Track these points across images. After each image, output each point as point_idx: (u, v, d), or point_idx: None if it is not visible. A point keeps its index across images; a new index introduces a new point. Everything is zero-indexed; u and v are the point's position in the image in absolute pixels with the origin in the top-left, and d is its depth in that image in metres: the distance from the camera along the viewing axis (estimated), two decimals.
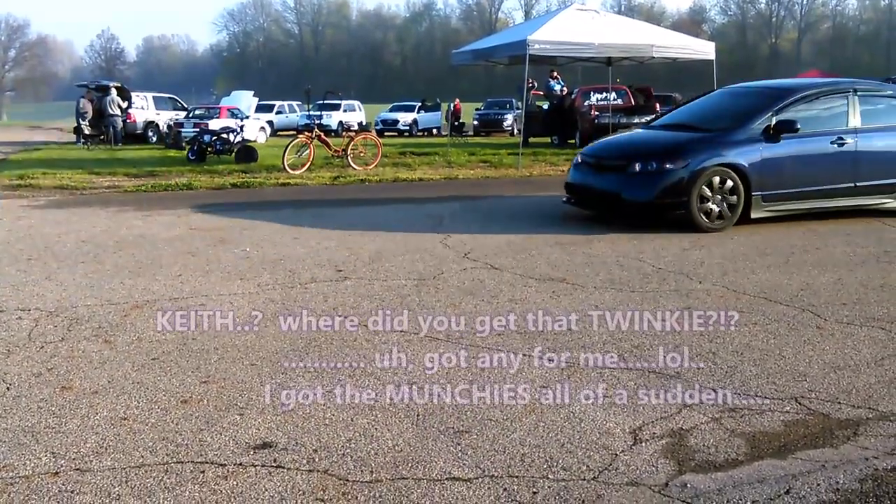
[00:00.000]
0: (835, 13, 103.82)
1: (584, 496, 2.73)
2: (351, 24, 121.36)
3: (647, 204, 7.84)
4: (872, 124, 8.43)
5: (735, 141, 7.91)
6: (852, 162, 8.24)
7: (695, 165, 7.71)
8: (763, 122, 7.96)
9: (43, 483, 2.81)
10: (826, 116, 8.36)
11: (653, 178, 7.80)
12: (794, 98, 8.22)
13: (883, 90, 9.18)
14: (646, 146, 8.39)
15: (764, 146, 7.88)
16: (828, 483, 2.81)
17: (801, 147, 8.03)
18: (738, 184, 7.76)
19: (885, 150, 8.47)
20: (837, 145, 8.16)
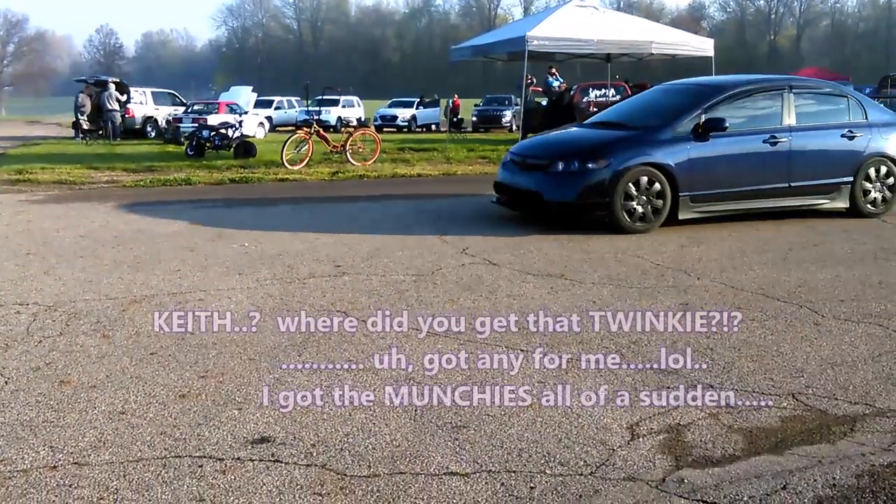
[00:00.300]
0: (834, 10, 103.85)
1: (582, 491, 2.74)
2: (350, 20, 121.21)
3: (568, 204, 7.59)
4: (808, 123, 8.19)
5: (662, 140, 7.64)
6: (786, 161, 7.96)
7: (617, 165, 7.45)
8: (692, 121, 7.70)
9: (41, 477, 2.81)
10: (759, 114, 8.12)
11: (574, 178, 7.53)
12: (724, 96, 7.97)
13: (821, 87, 8.95)
14: (569, 145, 8.14)
15: (692, 145, 7.61)
16: (824, 479, 2.82)
17: (731, 146, 7.78)
18: (665, 184, 7.50)
19: (822, 149, 8.19)
20: (770, 144, 7.89)
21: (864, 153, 8.27)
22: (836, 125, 8.29)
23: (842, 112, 8.43)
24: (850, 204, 8.31)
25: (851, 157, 8.25)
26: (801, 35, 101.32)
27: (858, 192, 8.30)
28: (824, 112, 8.42)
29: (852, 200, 8.30)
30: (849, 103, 8.50)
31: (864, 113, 8.49)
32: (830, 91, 8.81)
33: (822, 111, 8.43)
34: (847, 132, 8.24)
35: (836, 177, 8.22)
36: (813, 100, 8.47)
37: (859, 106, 8.54)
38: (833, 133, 8.24)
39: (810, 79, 8.99)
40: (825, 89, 8.84)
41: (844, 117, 8.39)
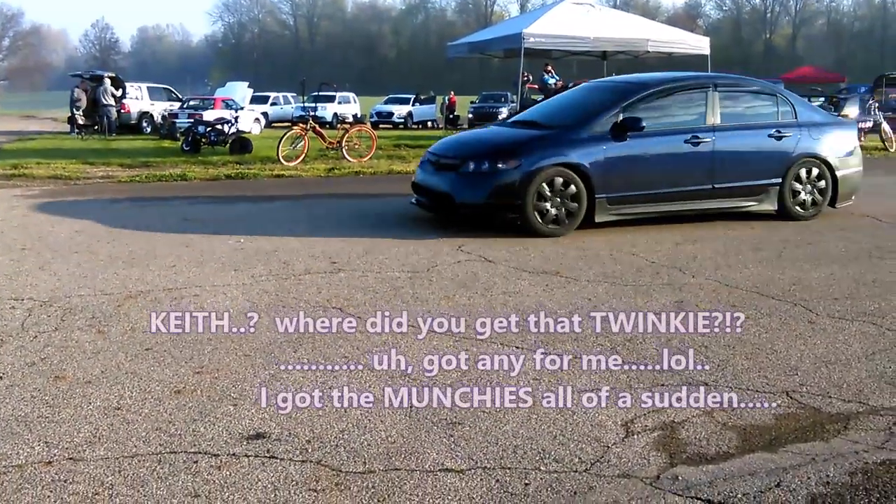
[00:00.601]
0: (829, 9, 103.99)
1: (576, 488, 2.75)
2: (346, 16, 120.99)
3: (478, 205, 7.31)
4: (734, 122, 7.92)
5: (578, 139, 7.36)
6: (710, 162, 7.68)
7: (529, 165, 7.16)
8: (609, 120, 7.43)
9: (36, 472, 2.81)
10: (681, 114, 7.83)
11: (485, 179, 7.26)
12: (644, 94, 7.71)
13: (748, 85, 8.60)
14: (482, 144, 7.86)
15: (609, 145, 7.33)
16: (818, 476, 2.83)
17: (650, 146, 7.51)
18: (580, 185, 7.22)
19: (747, 149, 7.93)
20: (692, 144, 7.61)
21: (793, 154, 8.01)
22: (764, 125, 8.04)
23: (770, 111, 8.17)
24: (779, 206, 8.06)
25: (780, 157, 7.99)
26: (796, 34, 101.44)
27: (787, 195, 8.03)
28: (751, 111, 8.15)
29: (781, 203, 8.04)
30: (778, 102, 8.24)
31: (794, 112, 8.21)
32: (759, 89, 8.50)
33: (749, 110, 8.15)
34: (775, 132, 7.99)
35: (764, 178, 7.95)
36: (739, 99, 8.18)
37: (789, 105, 8.26)
38: (760, 133, 7.98)
39: (738, 77, 8.80)
40: (753, 88, 8.53)
41: (773, 117, 8.13)
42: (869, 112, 19.18)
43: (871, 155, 17.10)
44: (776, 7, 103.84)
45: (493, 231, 7.27)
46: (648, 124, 7.43)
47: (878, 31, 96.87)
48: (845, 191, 8.34)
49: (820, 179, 8.18)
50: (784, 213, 8.07)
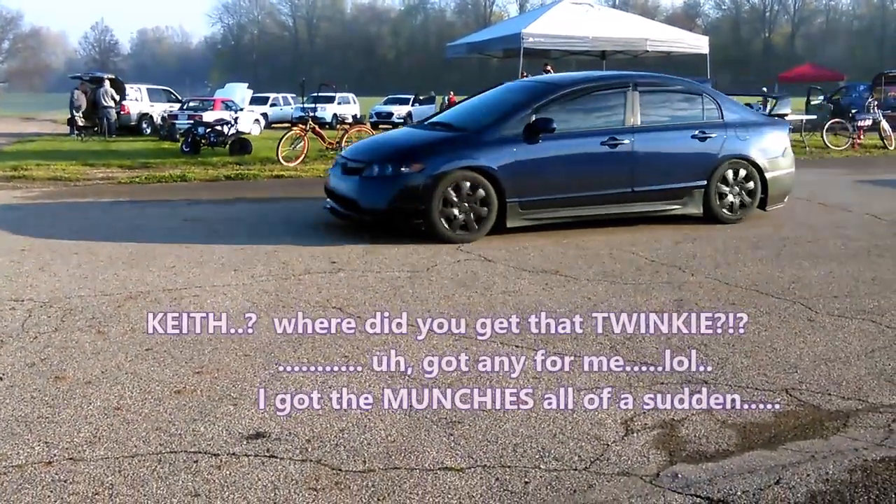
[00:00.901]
0: (828, 8, 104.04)
1: (576, 486, 2.75)
2: (346, 17, 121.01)
3: (382, 211, 6.99)
4: (655, 123, 7.62)
5: (487, 142, 7.05)
6: (629, 165, 7.39)
7: (434, 169, 6.84)
8: (521, 122, 7.13)
9: (36, 472, 2.82)
10: (598, 114, 7.53)
11: (388, 183, 6.94)
12: (557, 94, 7.41)
13: (671, 84, 8.18)
14: (389, 147, 7.58)
15: (520, 148, 7.03)
16: (817, 473, 2.83)
17: (564, 148, 7.21)
18: (490, 190, 6.90)
19: (669, 151, 7.63)
20: (610, 146, 7.31)
21: (718, 155, 7.70)
22: (687, 125, 7.75)
23: (695, 111, 7.87)
24: (705, 209, 7.76)
25: (704, 159, 7.68)
26: (795, 32, 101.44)
27: (713, 197, 7.73)
28: (674, 112, 7.85)
29: (707, 206, 7.74)
30: (703, 102, 7.93)
31: (720, 112, 7.90)
32: (683, 89, 8.13)
33: (672, 111, 7.84)
34: (699, 133, 7.68)
35: (687, 181, 7.64)
36: (662, 98, 7.87)
37: (715, 105, 7.94)
38: (683, 134, 7.68)
39: (661, 76, 8.61)
40: (676, 87, 8.14)
41: (697, 117, 7.83)
42: (868, 110, 19.18)
43: (870, 153, 17.11)
44: (775, 6, 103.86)
45: (491, 231, 7.24)
46: (563, 126, 7.18)
47: (877, 29, 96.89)
48: (776, 193, 8.04)
49: (748, 181, 7.88)
50: (710, 216, 7.77)
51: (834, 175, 12.71)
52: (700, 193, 7.72)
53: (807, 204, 9.31)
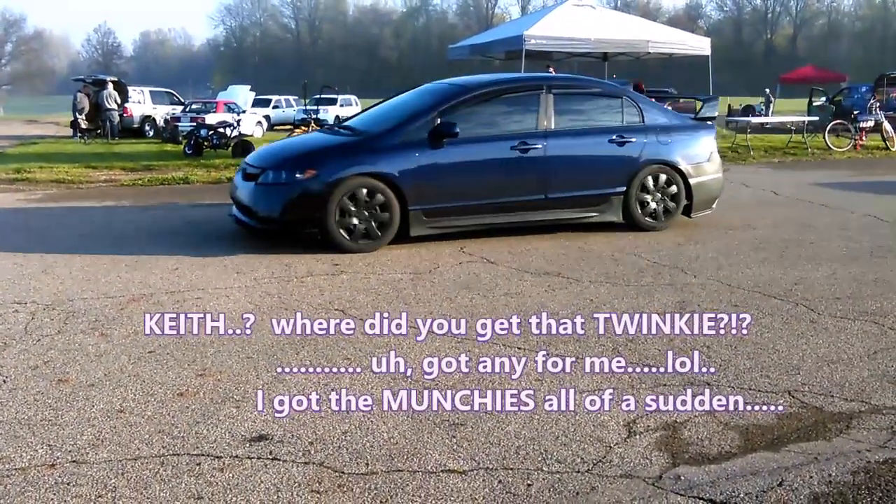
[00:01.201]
0: (830, 9, 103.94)
1: (579, 488, 2.75)
2: (348, 20, 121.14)
3: (276, 220, 6.63)
4: (570, 127, 7.29)
5: (388, 147, 6.72)
6: (541, 171, 7.07)
7: (328, 175, 6.49)
8: (425, 126, 6.79)
9: (39, 475, 2.82)
10: (509, 118, 7.19)
11: (282, 190, 6.59)
12: (465, 97, 7.09)
13: (588, 87, 7.90)
14: (286, 152, 7.16)
15: (423, 153, 6.69)
16: (820, 475, 2.83)
17: (471, 154, 6.88)
18: (391, 197, 6.57)
19: (585, 155, 7.29)
20: (520, 151, 6.97)
21: (638, 160, 7.39)
22: (605, 129, 7.42)
23: (613, 114, 7.55)
24: (625, 217, 7.45)
25: (623, 164, 7.37)
26: (797, 34, 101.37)
27: (634, 204, 7.42)
28: (591, 115, 7.51)
29: (627, 213, 7.43)
30: (623, 105, 7.59)
31: (640, 115, 7.58)
32: (601, 91, 7.83)
33: (589, 114, 7.51)
34: (617, 137, 7.37)
35: (605, 187, 7.32)
36: (578, 101, 7.54)
37: (636, 108, 7.62)
38: (600, 138, 7.36)
39: (578, 77, 8.25)
40: (594, 89, 7.84)
41: (616, 120, 7.51)
42: (870, 111, 19.17)
43: (872, 155, 17.09)
44: (777, 7, 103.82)
45: (485, 234, 7.25)
46: (471, 130, 6.89)
47: (878, 30, 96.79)
48: (702, 199, 7.73)
49: (671, 187, 7.58)
50: (631, 223, 7.48)
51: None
52: (619, 200, 7.40)
53: (809, 206, 9.31)
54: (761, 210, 8.98)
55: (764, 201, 9.81)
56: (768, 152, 16.91)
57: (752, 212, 8.82)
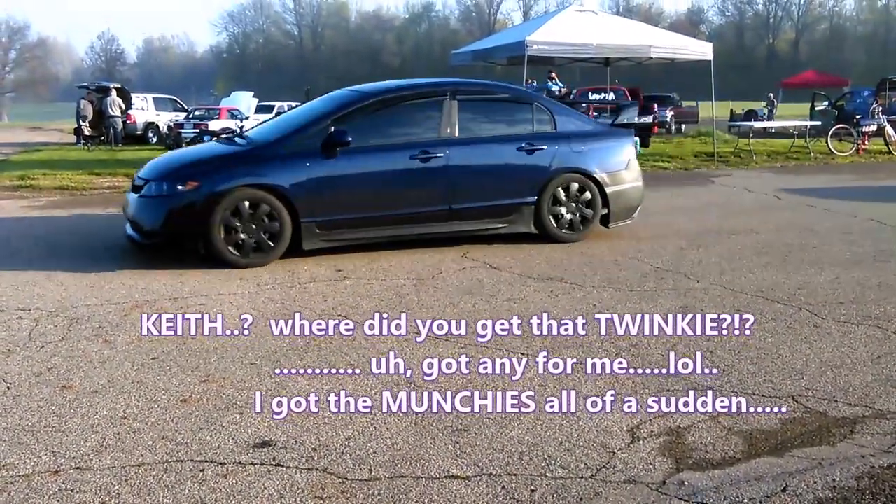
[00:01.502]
0: (832, 14, 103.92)
1: (582, 494, 2.75)
2: (350, 26, 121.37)
3: (159, 233, 6.35)
4: (475, 135, 7.00)
5: (278, 156, 6.43)
6: (444, 180, 6.76)
7: (211, 187, 6.19)
8: (318, 134, 6.49)
9: (43, 482, 2.82)
10: (409, 126, 6.91)
11: (164, 203, 6.30)
12: (362, 104, 6.85)
13: (497, 93, 7.62)
14: (172, 163, 6.88)
15: (315, 163, 6.39)
16: (824, 481, 2.82)
17: (367, 164, 6.59)
18: (280, 209, 6.27)
19: (492, 165, 7.00)
20: (421, 161, 6.68)
21: (550, 168, 7.10)
22: (513, 137, 7.13)
23: (522, 121, 7.28)
24: (538, 227, 7.16)
25: (533, 173, 7.07)
26: (799, 38, 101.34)
27: (546, 215, 7.12)
28: (499, 122, 7.24)
29: (539, 223, 7.14)
30: (534, 111, 7.31)
31: (552, 122, 7.29)
32: (510, 97, 7.55)
33: (496, 121, 7.24)
34: (526, 145, 7.07)
35: (514, 197, 7.02)
36: (485, 108, 7.28)
37: (547, 114, 7.33)
38: (508, 146, 7.06)
39: (486, 83, 7.97)
40: (502, 95, 7.56)
41: (525, 127, 7.23)
42: (873, 116, 19.16)
43: (875, 159, 17.08)
44: (779, 12, 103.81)
45: (488, 239, 7.25)
46: (368, 138, 6.63)
47: (881, 34, 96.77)
48: (620, 208, 7.42)
49: (583, 193, 7.26)
50: (545, 234, 7.19)
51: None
52: (530, 210, 7.09)
53: (811, 210, 9.30)
54: (764, 214, 8.98)
55: (766, 205, 9.80)
56: (771, 157, 16.91)
57: (754, 216, 8.82)
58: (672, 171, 14.93)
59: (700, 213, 9.24)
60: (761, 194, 10.93)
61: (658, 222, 8.41)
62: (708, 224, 8.27)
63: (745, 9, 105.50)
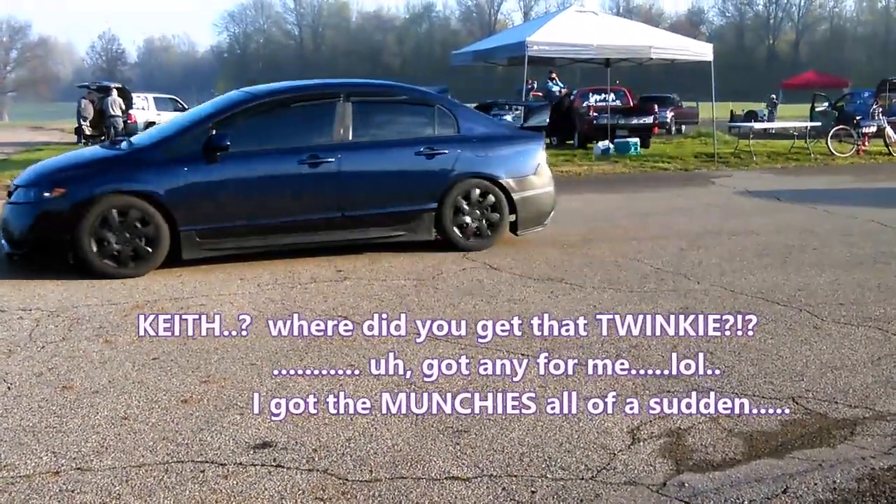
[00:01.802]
0: (832, 15, 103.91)
1: (583, 495, 2.75)
2: (351, 26, 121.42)
3: (26, 242, 6.08)
4: (370, 139, 6.70)
5: (155, 161, 6.13)
6: (336, 186, 6.47)
7: (78, 194, 5.89)
8: (199, 138, 6.19)
9: (44, 482, 2.83)
10: (298, 129, 6.59)
11: (31, 210, 6.05)
12: (246, 106, 6.55)
13: (394, 94, 7.23)
14: (45, 168, 6.54)
15: (194, 168, 6.09)
16: (825, 482, 2.82)
17: (251, 169, 6.29)
18: (156, 217, 5.95)
19: (389, 170, 6.70)
20: (310, 166, 6.37)
21: (451, 173, 6.80)
22: (412, 140, 6.83)
23: (423, 125, 6.97)
24: (440, 235, 6.86)
25: (433, 178, 6.78)
26: (799, 39, 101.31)
27: (448, 222, 6.80)
28: (397, 125, 6.93)
29: (441, 231, 6.83)
30: (436, 114, 7.00)
31: (455, 125, 7.00)
32: (409, 99, 7.17)
33: (394, 124, 6.92)
34: (426, 149, 6.78)
35: (413, 204, 6.73)
36: (382, 111, 6.97)
37: (451, 117, 7.03)
38: (405, 151, 6.77)
39: (383, 84, 7.71)
40: (401, 97, 7.17)
41: (426, 131, 6.94)
42: (873, 117, 19.17)
43: (875, 160, 17.08)
44: (779, 13, 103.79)
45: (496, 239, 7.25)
46: (254, 142, 6.35)
47: (881, 35, 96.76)
48: (529, 214, 7.13)
49: (485, 198, 6.95)
50: (449, 242, 6.86)
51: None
52: (431, 217, 6.79)
53: (811, 211, 9.30)
54: (764, 216, 8.98)
55: (766, 207, 9.81)
56: (771, 158, 16.91)
57: (754, 217, 8.82)
58: (672, 171, 14.93)
59: (700, 214, 9.24)
60: (761, 195, 10.93)
61: (658, 223, 8.42)
62: (708, 225, 8.27)
63: (746, 10, 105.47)
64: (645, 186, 12.39)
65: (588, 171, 14.88)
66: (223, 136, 6.16)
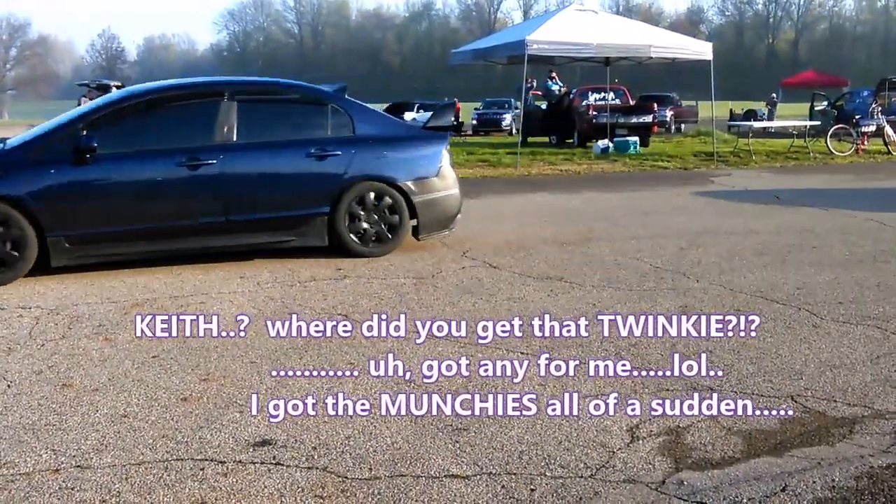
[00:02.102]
0: (832, 14, 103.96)
1: (582, 493, 2.75)
2: (350, 24, 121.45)
3: None
4: (256, 139, 6.39)
5: (18, 163, 5.87)
6: (218, 190, 6.18)
7: None
8: (68, 138, 5.92)
9: (43, 480, 2.83)
10: (179, 130, 6.31)
11: None
12: (120, 106, 6.29)
13: (284, 92, 6.92)
14: None
15: (60, 170, 5.82)
16: (823, 481, 2.83)
17: (124, 171, 6.01)
18: (21, 222, 5.67)
19: (276, 173, 6.39)
20: (190, 168, 6.09)
21: (345, 176, 6.49)
22: (301, 141, 6.52)
23: (314, 125, 6.68)
24: (333, 240, 6.55)
25: (325, 181, 6.47)
26: (799, 38, 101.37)
27: (342, 227, 6.50)
28: (286, 125, 6.63)
29: (336, 236, 6.52)
30: (329, 114, 6.70)
31: (351, 125, 6.68)
32: (300, 98, 6.87)
33: (283, 124, 6.62)
34: (316, 150, 6.46)
35: (303, 208, 6.42)
36: (269, 110, 6.66)
37: (346, 117, 6.71)
38: (295, 152, 6.46)
39: (273, 82, 7.27)
40: (291, 96, 6.88)
41: (318, 131, 6.63)
42: (872, 116, 19.17)
43: (874, 159, 17.09)
44: (778, 12, 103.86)
45: (496, 238, 7.27)
46: (127, 143, 6.10)
47: (880, 34, 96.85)
48: (431, 219, 6.81)
49: (390, 206, 6.66)
50: (343, 248, 6.57)
51: None
52: (323, 222, 6.48)
53: (811, 210, 9.31)
54: (763, 214, 8.99)
55: (766, 206, 9.81)
56: (770, 157, 16.92)
57: (753, 216, 8.83)
58: (672, 170, 14.94)
59: (699, 212, 9.24)
60: (760, 194, 10.93)
61: (657, 222, 8.42)
62: (707, 224, 8.27)
63: (745, 9, 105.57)
64: (644, 185, 12.40)
65: (587, 169, 14.88)
66: (90, 137, 5.89)
